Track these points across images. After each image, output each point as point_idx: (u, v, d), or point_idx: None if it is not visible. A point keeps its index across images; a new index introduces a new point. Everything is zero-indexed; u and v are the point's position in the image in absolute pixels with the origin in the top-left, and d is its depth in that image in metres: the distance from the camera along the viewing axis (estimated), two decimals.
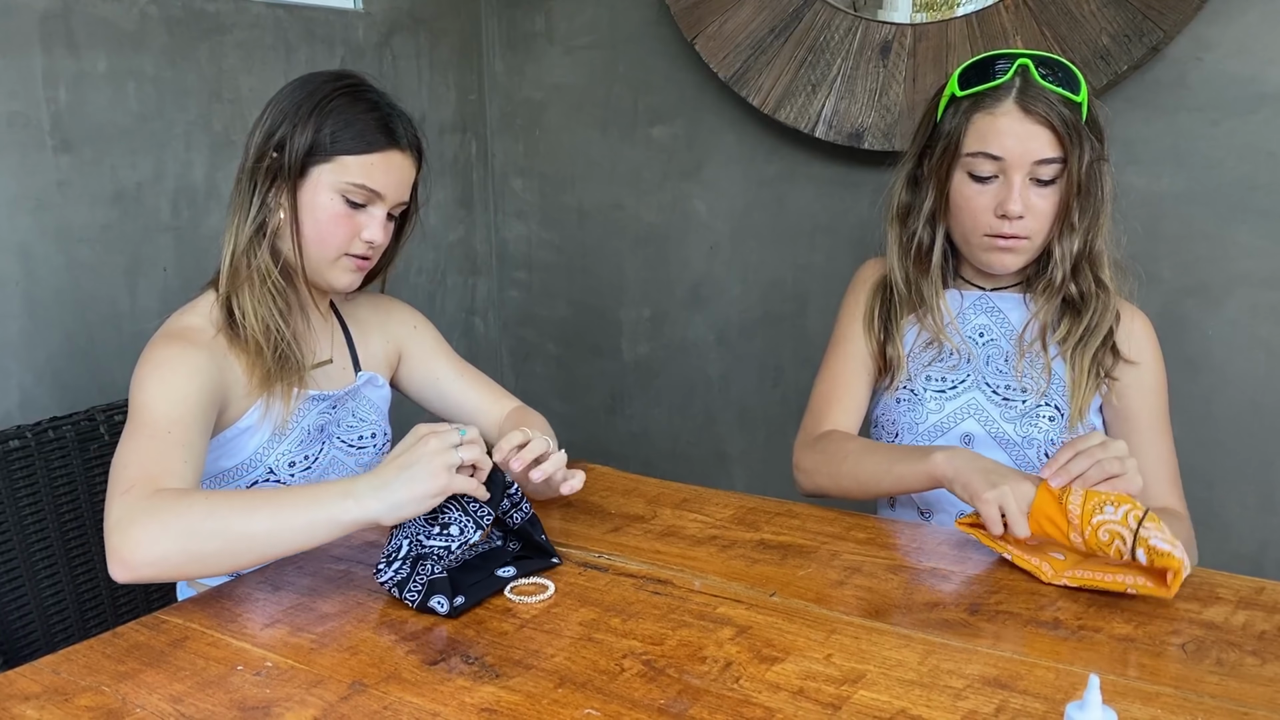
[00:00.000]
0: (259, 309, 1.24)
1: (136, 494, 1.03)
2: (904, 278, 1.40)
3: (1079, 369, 1.33)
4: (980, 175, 1.30)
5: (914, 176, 1.40)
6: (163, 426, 1.12)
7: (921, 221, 1.37)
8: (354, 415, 1.39)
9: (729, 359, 2.20)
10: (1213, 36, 1.60)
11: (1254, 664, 0.91)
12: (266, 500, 1.03)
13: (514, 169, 2.40)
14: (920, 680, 0.89)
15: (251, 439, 1.27)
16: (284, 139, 1.23)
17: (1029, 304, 1.39)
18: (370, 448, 1.40)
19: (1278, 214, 1.59)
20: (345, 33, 2.02)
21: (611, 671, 0.92)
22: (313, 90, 1.25)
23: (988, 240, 1.32)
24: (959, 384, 1.38)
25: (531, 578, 1.10)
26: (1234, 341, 1.66)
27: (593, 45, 2.22)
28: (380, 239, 1.28)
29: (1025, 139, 1.26)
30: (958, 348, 1.38)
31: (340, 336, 1.41)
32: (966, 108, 1.30)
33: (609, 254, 2.31)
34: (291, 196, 1.24)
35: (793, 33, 1.88)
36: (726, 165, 2.11)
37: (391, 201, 1.28)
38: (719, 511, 1.31)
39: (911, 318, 1.41)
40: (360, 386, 1.40)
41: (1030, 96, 1.26)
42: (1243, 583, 1.07)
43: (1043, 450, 1.36)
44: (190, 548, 1.00)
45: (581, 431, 2.42)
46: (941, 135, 1.33)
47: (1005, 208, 1.28)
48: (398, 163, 1.27)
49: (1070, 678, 0.89)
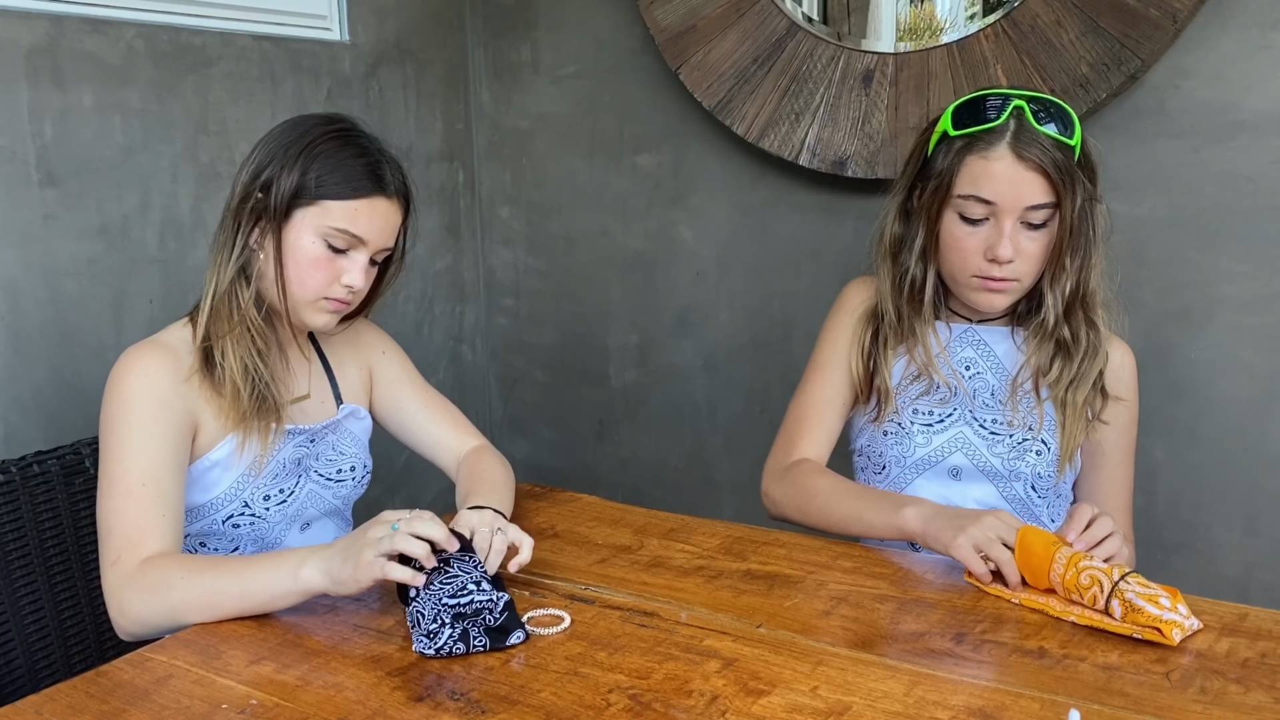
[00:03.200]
0: (238, 350, 1.24)
1: (124, 566, 1.14)
2: (896, 312, 1.39)
3: (1071, 414, 1.34)
4: (971, 217, 1.29)
5: (904, 209, 1.40)
6: (136, 479, 1.16)
7: (914, 258, 1.36)
8: (333, 449, 1.38)
9: (716, 385, 2.20)
10: (1190, 65, 1.62)
11: (1237, 692, 0.91)
12: (234, 574, 1.11)
13: (501, 197, 2.40)
14: (906, 711, 0.89)
15: (225, 474, 1.26)
16: (270, 180, 1.23)
17: (1015, 337, 1.40)
18: (349, 480, 1.39)
19: (1257, 239, 1.61)
20: (331, 64, 2.03)
21: (598, 706, 0.91)
22: (303, 133, 1.25)
23: (977, 281, 1.32)
24: (947, 418, 1.38)
25: (546, 610, 1.11)
26: (1217, 365, 1.67)
27: (578, 75, 2.24)
28: (360, 284, 1.27)
29: (1018, 184, 1.25)
30: (946, 381, 1.38)
31: (319, 370, 1.41)
32: (960, 148, 1.28)
33: (596, 281, 2.31)
34: (275, 238, 1.24)
35: (775, 62, 1.90)
36: (712, 193, 2.12)
37: (375, 248, 1.27)
38: (706, 541, 1.31)
39: (900, 349, 1.41)
40: (342, 420, 1.39)
41: (1024, 141, 1.25)
42: (1226, 609, 1.07)
43: (1029, 484, 1.36)
44: (176, 619, 1.11)
45: (570, 458, 2.42)
46: (933, 173, 1.32)
47: (995, 252, 1.27)
48: (383, 209, 1.26)
49: (1055, 708, 0.89)
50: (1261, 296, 1.62)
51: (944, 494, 1.36)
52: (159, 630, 1.12)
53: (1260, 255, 1.61)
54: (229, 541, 1.30)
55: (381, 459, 1.49)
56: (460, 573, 1.06)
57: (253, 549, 1.32)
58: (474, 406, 2.48)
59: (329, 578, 1.06)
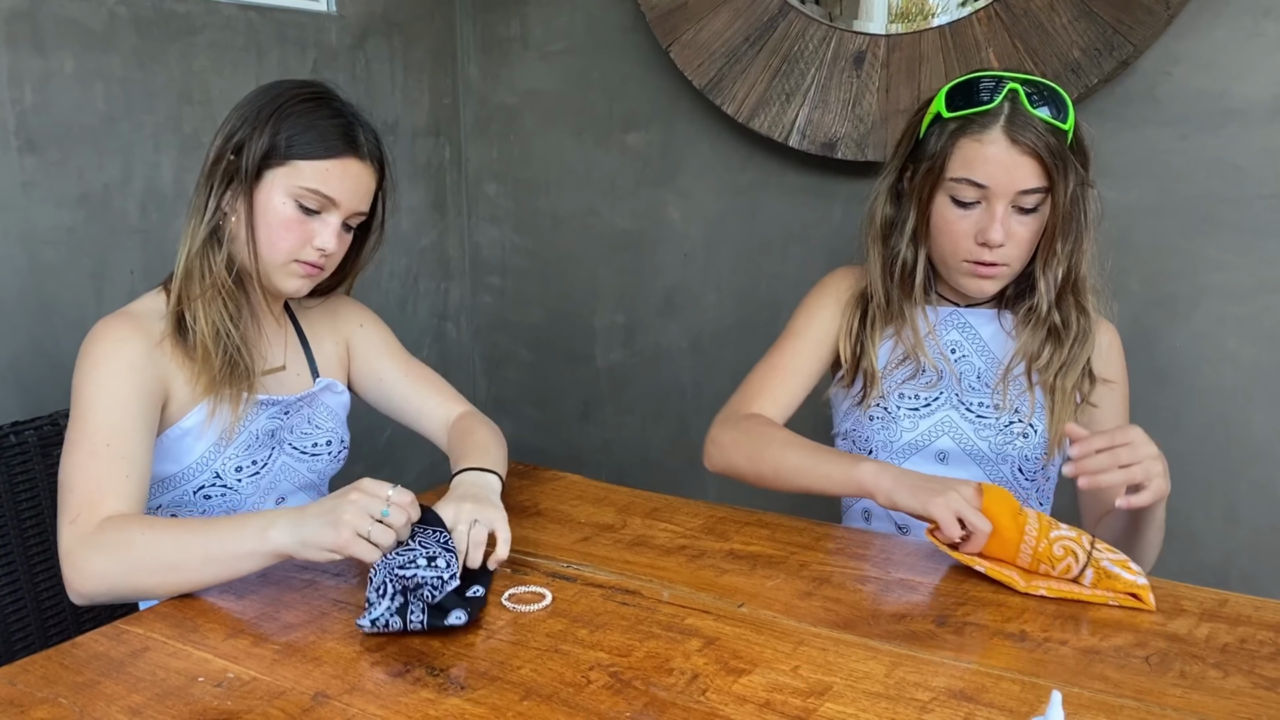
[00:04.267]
0: (209, 313, 1.22)
1: (82, 525, 1.10)
2: (885, 294, 1.38)
3: (1060, 399, 1.33)
4: (963, 200, 1.28)
5: (896, 191, 1.39)
6: (101, 439, 1.13)
7: (905, 240, 1.36)
8: (309, 422, 1.36)
9: (702, 367, 2.19)
10: (1182, 51, 1.61)
11: (1216, 676, 0.92)
12: (198, 533, 1.07)
13: (488, 174, 2.39)
14: (886, 693, 0.89)
15: (196, 443, 1.25)
16: (242, 142, 1.22)
17: (1002, 321, 1.39)
18: (325, 454, 1.38)
19: (1244, 227, 1.61)
20: (318, 35, 2.00)
21: (578, 683, 0.91)
22: (276, 95, 1.24)
23: (967, 265, 1.31)
24: (933, 401, 1.37)
25: (528, 587, 1.10)
26: (1201, 353, 1.67)
27: (567, 51, 2.22)
28: (333, 247, 1.25)
29: (1011, 169, 1.24)
30: (934, 364, 1.38)
31: (296, 342, 1.39)
32: (953, 130, 1.28)
33: (583, 260, 2.30)
34: (247, 199, 1.22)
35: (767, 42, 1.89)
36: (700, 173, 2.11)
37: (347, 210, 1.25)
38: (689, 521, 1.31)
39: (888, 332, 1.40)
40: (318, 393, 1.38)
41: (1018, 125, 1.24)
42: (1207, 595, 1.08)
43: (1016, 466, 1.36)
44: (133, 581, 1.07)
45: (554, 438, 2.41)
46: (926, 155, 1.31)
47: (986, 236, 1.27)
48: (355, 171, 1.24)
49: (1035, 690, 0.89)
50: (1247, 286, 1.62)
51: None
52: (114, 593, 1.07)
53: (1247, 244, 1.61)
54: (200, 513, 1.29)
55: (364, 435, 1.47)
56: (417, 546, 1.05)
57: None
58: (458, 385, 2.43)
59: (297, 539, 1.02)
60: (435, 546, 1.06)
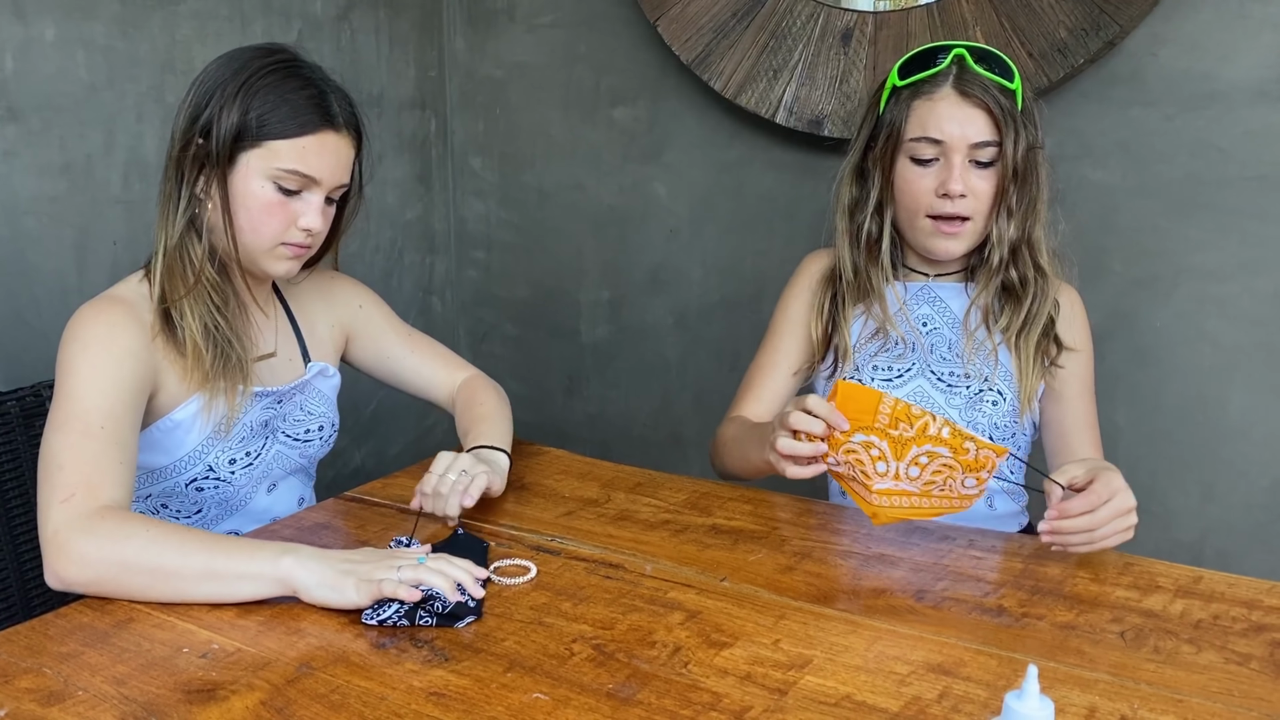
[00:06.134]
0: (197, 310, 1.18)
1: (77, 506, 1.04)
2: (853, 267, 1.43)
3: (1024, 357, 1.37)
4: (922, 158, 1.34)
5: (860, 170, 1.43)
6: (95, 421, 1.09)
7: (869, 211, 1.40)
8: (301, 409, 1.34)
9: (687, 342, 2.20)
10: (1167, 33, 1.62)
11: (1190, 651, 0.93)
12: (205, 544, 1.02)
13: (474, 147, 2.38)
14: (866, 666, 0.90)
15: (189, 435, 1.22)
16: (209, 123, 1.16)
17: (969, 291, 1.42)
18: (316, 440, 1.36)
19: (1225, 209, 1.62)
20: (303, 6, 1.99)
21: (561, 656, 0.92)
22: (239, 68, 1.17)
23: (930, 224, 1.35)
24: (906, 372, 1.40)
25: (512, 560, 1.11)
26: (1182, 334, 1.69)
27: (555, 24, 2.21)
28: (319, 226, 1.20)
29: (963, 123, 1.31)
30: (903, 336, 1.41)
31: (286, 326, 1.36)
32: (907, 96, 1.35)
33: (568, 235, 2.30)
34: (221, 186, 1.17)
35: (755, 17, 1.88)
36: (687, 149, 2.11)
37: (329, 186, 1.20)
38: (672, 496, 1.32)
39: (859, 308, 1.43)
40: (310, 379, 1.35)
41: (966, 82, 1.31)
42: (1182, 571, 1.09)
43: (987, 434, 1.38)
44: (122, 578, 1.01)
45: (539, 413, 2.41)
46: (884, 126, 1.37)
47: (947, 187, 1.31)
48: (333, 145, 1.19)
49: (1012, 665, 0.90)
50: (1227, 267, 1.63)
51: None
52: (98, 584, 1.01)
53: (1228, 226, 1.62)
54: (191, 504, 1.27)
55: (348, 409, 1.48)
56: None
57: (216, 511, 1.29)
58: None
59: (310, 583, 0.98)
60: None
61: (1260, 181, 1.59)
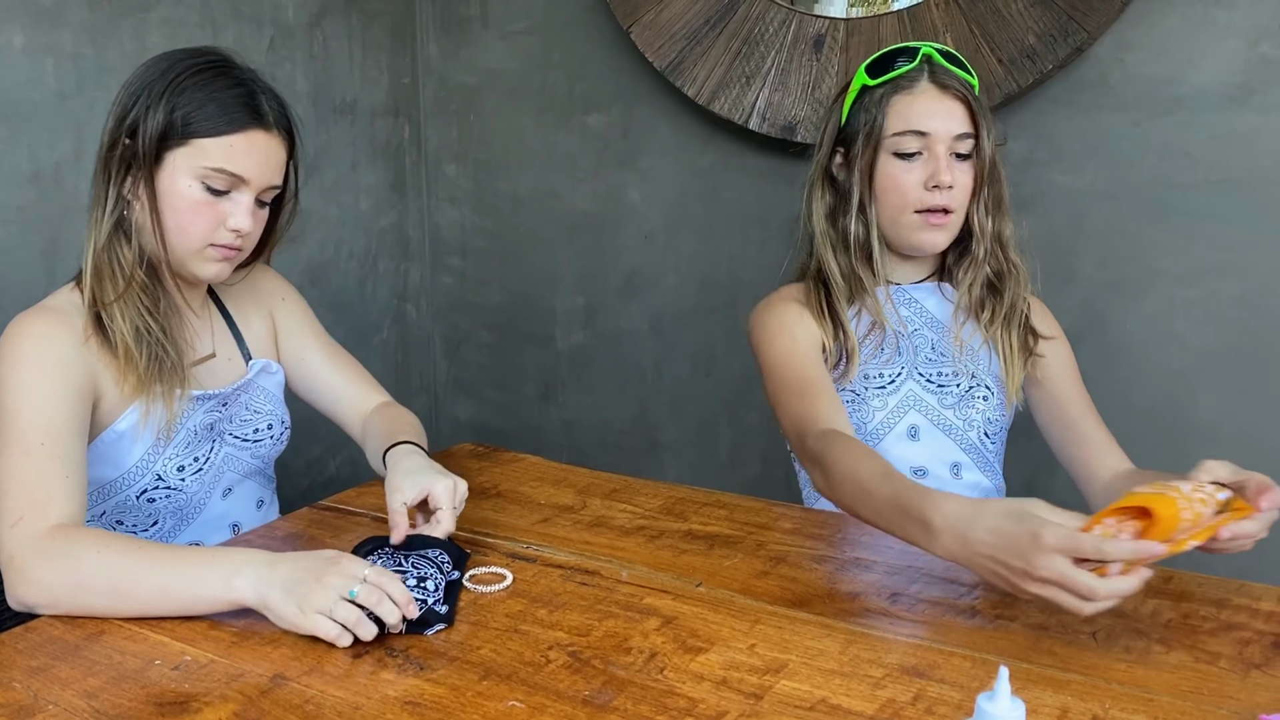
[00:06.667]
0: (126, 312, 1.16)
1: (27, 529, 1.03)
2: (842, 271, 1.39)
3: (1007, 347, 1.39)
4: (906, 152, 1.34)
5: (830, 178, 1.42)
6: (34, 438, 1.07)
7: (853, 214, 1.38)
8: (247, 409, 1.32)
9: (662, 348, 2.20)
10: (1134, 39, 1.64)
11: (1160, 651, 0.94)
12: (157, 564, 1.00)
13: (448, 154, 2.37)
14: (841, 669, 0.91)
15: (133, 446, 1.19)
16: (136, 123, 1.14)
17: (943, 291, 1.43)
18: (267, 439, 1.34)
19: (1193, 213, 1.64)
20: (274, 12, 1.98)
21: (537, 663, 0.92)
22: (166, 68, 1.15)
23: (918, 218, 1.35)
24: (896, 377, 1.39)
25: (488, 568, 1.11)
26: (1152, 336, 1.71)
27: (528, 31, 2.21)
28: (248, 226, 1.18)
29: (945, 116, 1.32)
30: (895, 329, 1.40)
31: (223, 326, 1.34)
32: (882, 94, 1.35)
33: (543, 241, 2.30)
34: (149, 186, 1.15)
35: (728, 24, 1.89)
36: (661, 155, 2.11)
37: (258, 186, 1.18)
38: (648, 502, 1.32)
39: (853, 307, 1.41)
40: (253, 378, 1.33)
41: (941, 76, 1.33)
42: (1153, 572, 1.10)
43: (982, 431, 1.40)
44: (80, 600, 1.00)
45: (515, 419, 2.41)
46: (860, 127, 1.37)
47: (938, 178, 1.32)
48: (262, 143, 1.17)
49: (985, 666, 0.91)
50: (1195, 270, 1.65)
51: (905, 457, 1.38)
52: (59, 607, 1.00)
53: (1196, 229, 1.64)
54: (146, 516, 1.24)
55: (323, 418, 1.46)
56: (410, 565, 1.06)
57: (173, 522, 1.26)
58: (418, 366, 2.46)
59: (260, 600, 0.96)
60: (428, 565, 1.06)
61: (1226, 185, 1.61)
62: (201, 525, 1.29)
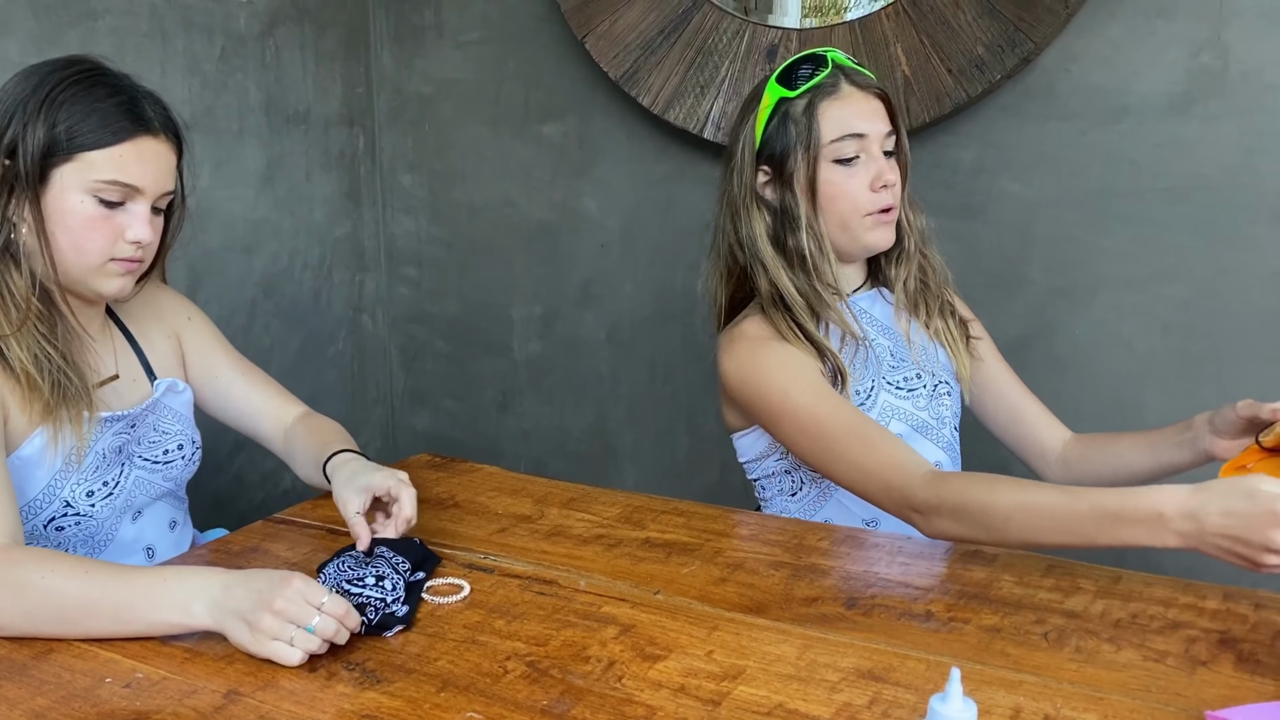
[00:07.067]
0: (23, 340, 1.11)
1: None
2: (801, 290, 1.35)
3: (949, 339, 1.42)
4: (845, 158, 1.33)
5: (761, 202, 1.38)
6: None
7: (802, 231, 1.35)
8: (155, 430, 1.28)
9: (619, 357, 2.21)
10: (1080, 49, 1.67)
11: (1109, 650, 0.96)
12: (107, 590, 0.97)
13: (403, 164, 2.36)
14: (798, 674, 0.91)
15: (38, 471, 1.15)
16: (14, 142, 1.09)
17: (883, 296, 1.43)
18: (178, 460, 1.30)
19: (1139, 220, 1.67)
20: (226, 22, 1.96)
21: (495, 674, 0.92)
22: (39, 82, 1.11)
23: (869, 220, 1.34)
24: (868, 391, 1.37)
25: (445, 579, 1.10)
26: (1100, 341, 1.74)
27: (483, 40, 2.21)
28: (148, 237, 1.15)
29: (873, 114, 1.33)
30: (860, 335, 1.37)
31: (125, 345, 1.30)
32: (806, 106, 1.33)
33: (500, 251, 2.29)
34: (35, 207, 1.11)
35: (682, 34, 1.90)
36: (617, 164, 2.12)
37: (153, 193, 1.15)
38: (606, 510, 1.32)
39: (820, 328, 1.36)
40: (160, 398, 1.29)
41: (856, 78, 1.34)
42: (1102, 572, 1.12)
43: (953, 426, 1.42)
44: (29, 627, 0.98)
45: (472, 430, 2.40)
46: (790, 141, 1.33)
47: (884, 178, 1.33)
48: (152, 150, 1.14)
49: (940, 669, 0.92)
50: (1141, 275, 1.68)
51: None
52: (7, 630, 0.98)
53: (1141, 236, 1.68)
54: (55, 546, 1.19)
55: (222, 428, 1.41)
56: (369, 568, 1.05)
57: (84, 550, 1.21)
58: (374, 377, 2.44)
59: (219, 625, 0.94)
60: (386, 566, 1.05)
61: (1170, 193, 1.65)
62: (114, 551, 1.24)
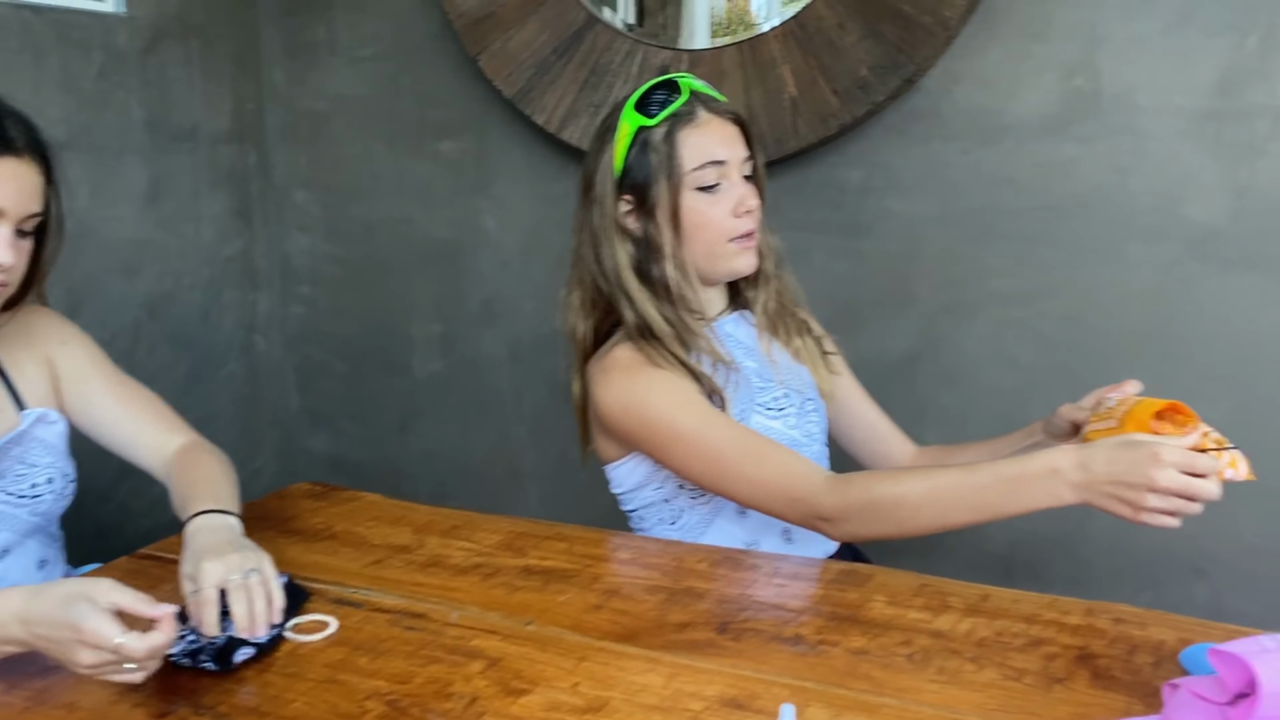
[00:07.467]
0: None
1: None
2: (668, 319, 1.33)
3: (810, 356, 1.44)
4: (707, 185, 1.31)
5: (624, 232, 1.35)
6: None
7: (667, 261, 1.33)
8: (21, 462, 1.23)
9: (522, 375, 2.19)
10: (961, 71, 1.70)
11: (971, 670, 0.97)
12: None
13: (296, 181, 2.32)
14: (662, 705, 0.91)
15: None
16: None
17: (745, 319, 1.43)
18: (48, 494, 1.24)
19: (1020, 237, 1.71)
20: (105, 37, 1.90)
21: (352, 714, 0.89)
22: None
23: (734, 245, 1.33)
24: (741, 415, 1.35)
25: (311, 616, 1.07)
26: (985, 356, 1.77)
27: (377, 57, 2.18)
28: (10, 260, 1.10)
29: (730, 140, 1.32)
30: (729, 360, 1.36)
31: None
32: (666, 133, 1.30)
33: (398, 269, 2.26)
34: None
35: (575, 54, 1.90)
36: (515, 182, 2.11)
37: (16, 216, 1.11)
38: (487, 538, 1.30)
39: (691, 356, 1.35)
40: (27, 429, 1.24)
41: (711, 104, 1.32)
42: (970, 590, 1.14)
43: (821, 442, 1.43)
44: None
45: (372, 451, 2.36)
46: (651, 170, 1.31)
47: (747, 203, 1.31)
48: (13, 171, 1.10)
49: (803, 695, 0.92)
50: (1023, 291, 1.72)
51: None
52: None
53: (1022, 253, 1.71)
54: None
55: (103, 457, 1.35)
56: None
57: None
58: (269, 399, 2.39)
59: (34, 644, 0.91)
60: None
61: (1049, 211, 1.68)
62: None
